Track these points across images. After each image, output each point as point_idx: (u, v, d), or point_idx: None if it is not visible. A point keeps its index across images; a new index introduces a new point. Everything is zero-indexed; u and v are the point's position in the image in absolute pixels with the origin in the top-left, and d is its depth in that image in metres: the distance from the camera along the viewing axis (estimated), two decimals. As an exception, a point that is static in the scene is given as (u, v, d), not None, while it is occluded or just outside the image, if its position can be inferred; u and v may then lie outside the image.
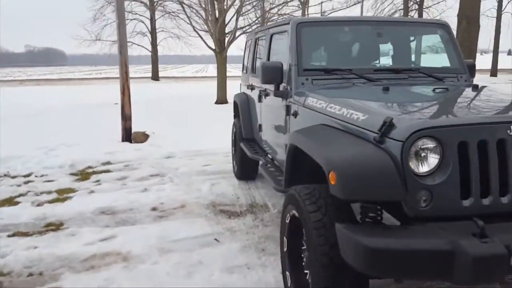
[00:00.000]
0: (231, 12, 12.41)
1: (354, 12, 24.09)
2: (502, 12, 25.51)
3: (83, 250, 3.18)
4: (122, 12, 6.57)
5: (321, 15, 15.95)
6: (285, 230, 2.43)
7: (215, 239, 3.34)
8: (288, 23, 3.06)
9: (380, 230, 1.67)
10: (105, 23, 21.88)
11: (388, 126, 1.75)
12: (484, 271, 1.47)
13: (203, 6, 11.80)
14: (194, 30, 12.45)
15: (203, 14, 11.98)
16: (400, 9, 21.98)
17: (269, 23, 13.83)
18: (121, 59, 6.78)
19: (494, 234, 1.54)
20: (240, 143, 4.52)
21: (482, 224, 1.55)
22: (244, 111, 4.50)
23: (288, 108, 2.90)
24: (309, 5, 17.51)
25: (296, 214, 2.15)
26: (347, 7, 17.20)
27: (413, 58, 3.35)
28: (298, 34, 2.94)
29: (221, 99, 12.80)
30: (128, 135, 7.24)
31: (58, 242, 3.37)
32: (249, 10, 12.69)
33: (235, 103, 5.02)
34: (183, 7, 12.18)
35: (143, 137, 7.37)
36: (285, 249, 2.46)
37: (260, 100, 3.82)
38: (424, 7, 21.97)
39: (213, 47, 12.49)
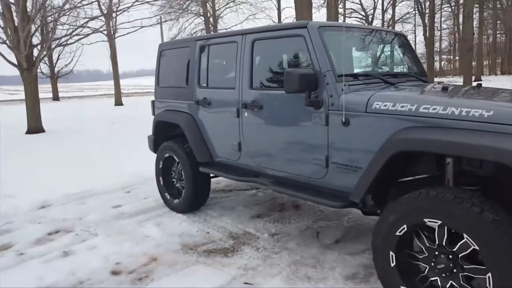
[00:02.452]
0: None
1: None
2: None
3: None
4: None
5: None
6: (393, 245, 2.34)
7: (246, 283, 2.85)
8: (305, 27, 2.93)
9: None
10: None
11: None
12: None
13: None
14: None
15: (1, 23, 9.65)
16: (202, 29, 23.48)
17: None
18: None
19: None
20: (194, 169, 3.98)
21: None
22: (194, 132, 3.96)
23: (327, 117, 2.78)
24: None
25: (437, 222, 2.13)
26: (152, 25, 17.10)
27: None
28: (322, 39, 2.87)
29: (35, 128, 10.63)
30: (-50, 188, 5.16)
31: None
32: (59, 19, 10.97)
33: (160, 124, 4.41)
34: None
35: (-25, 187, 5.39)
36: (392, 265, 2.37)
37: (238, 115, 3.47)
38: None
39: (17, 62, 10.24)
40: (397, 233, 2.32)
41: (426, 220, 2.19)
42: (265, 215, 4.14)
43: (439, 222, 2.14)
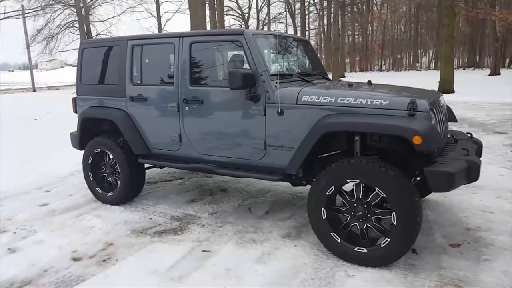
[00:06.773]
0: None
1: None
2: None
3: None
4: None
5: None
6: (323, 202, 3.21)
7: (204, 250, 3.44)
8: (241, 34, 3.61)
9: (444, 164, 2.94)
10: None
11: (415, 105, 3.02)
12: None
13: None
14: None
15: None
16: (75, 20, 22.05)
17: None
18: None
19: None
20: (130, 161, 4.38)
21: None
22: (129, 127, 4.32)
23: (265, 109, 3.53)
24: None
25: (356, 181, 3.05)
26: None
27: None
28: (256, 44, 3.59)
29: None
30: None
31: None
32: None
33: (87, 121, 4.71)
34: None
35: None
36: (324, 218, 3.24)
37: (179, 109, 3.98)
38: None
39: None
40: (327, 193, 3.20)
41: (348, 180, 3.10)
42: (199, 199, 4.73)
43: (358, 181, 3.08)
